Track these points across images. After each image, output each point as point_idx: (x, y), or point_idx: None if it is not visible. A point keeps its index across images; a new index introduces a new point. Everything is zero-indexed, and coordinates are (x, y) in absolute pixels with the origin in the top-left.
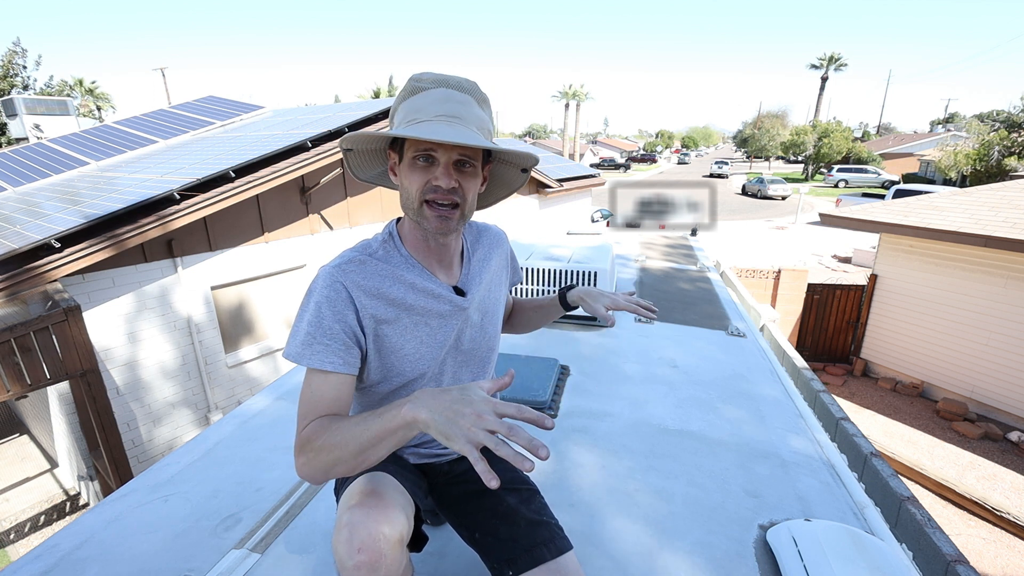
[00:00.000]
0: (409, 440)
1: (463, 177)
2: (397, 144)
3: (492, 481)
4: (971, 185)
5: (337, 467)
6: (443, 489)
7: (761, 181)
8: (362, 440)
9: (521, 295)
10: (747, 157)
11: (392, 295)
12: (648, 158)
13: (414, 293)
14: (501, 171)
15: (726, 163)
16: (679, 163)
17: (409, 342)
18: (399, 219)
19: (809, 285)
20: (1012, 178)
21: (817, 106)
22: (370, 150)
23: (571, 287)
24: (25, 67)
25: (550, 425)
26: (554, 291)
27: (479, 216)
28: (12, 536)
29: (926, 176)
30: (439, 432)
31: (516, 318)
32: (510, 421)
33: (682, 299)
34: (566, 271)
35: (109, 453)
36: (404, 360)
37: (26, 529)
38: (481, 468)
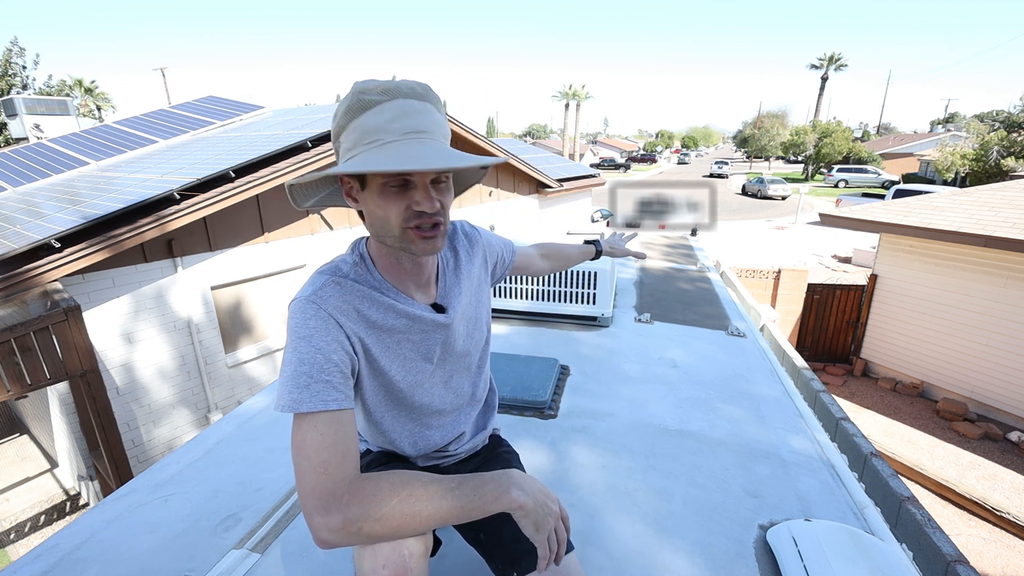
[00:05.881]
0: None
1: (440, 194)
2: None
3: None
4: (970, 185)
5: (396, 535)
6: None
7: (761, 181)
8: (453, 512)
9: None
10: (747, 157)
11: (371, 317)
12: (648, 158)
13: (394, 316)
14: (460, 171)
15: (726, 163)
16: (679, 163)
17: (393, 362)
18: (366, 239)
19: (809, 285)
20: (1012, 178)
21: (817, 106)
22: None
23: (596, 241)
24: (24, 67)
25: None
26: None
27: None
28: (12, 536)
29: (926, 176)
30: (534, 520)
31: (556, 263)
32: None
33: (682, 299)
34: (566, 271)
35: (109, 453)
36: (392, 381)
37: (26, 529)
38: (543, 554)
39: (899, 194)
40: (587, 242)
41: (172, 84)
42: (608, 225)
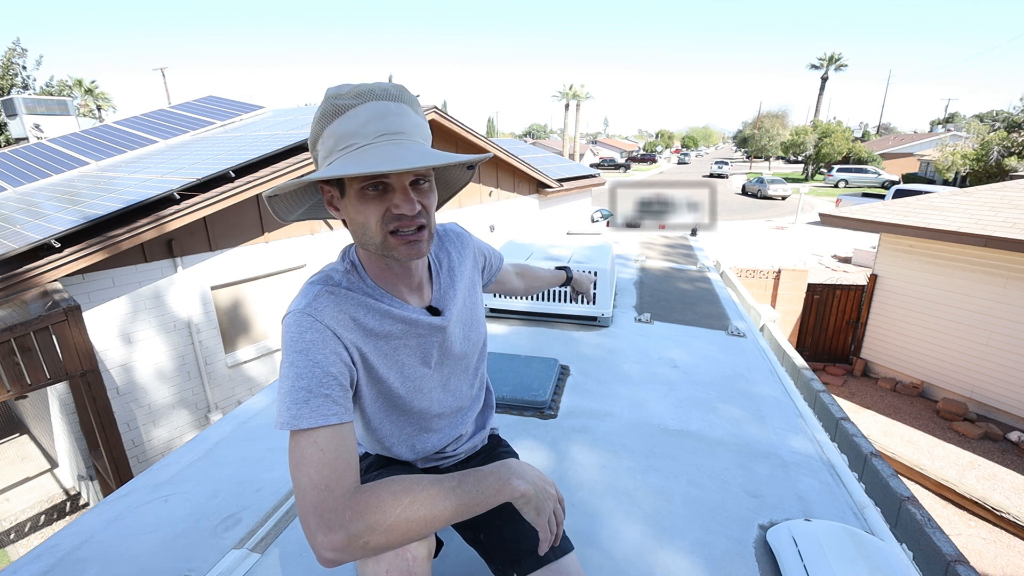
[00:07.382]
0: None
1: (421, 196)
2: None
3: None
4: (970, 185)
5: (403, 543)
6: None
7: (761, 181)
8: (458, 511)
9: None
10: (747, 157)
11: (368, 324)
12: (648, 158)
13: (390, 321)
14: (446, 173)
15: (726, 163)
16: (679, 163)
17: (392, 368)
18: (356, 245)
19: (809, 285)
20: (1012, 178)
21: (817, 106)
22: (300, 189)
23: (567, 268)
24: (25, 67)
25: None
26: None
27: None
28: (12, 536)
29: (926, 176)
30: (535, 506)
31: (529, 284)
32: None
33: (682, 299)
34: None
35: (109, 453)
36: (391, 388)
37: (26, 529)
38: (544, 537)
39: (899, 194)
40: (559, 268)
41: (172, 84)
42: (608, 225)
